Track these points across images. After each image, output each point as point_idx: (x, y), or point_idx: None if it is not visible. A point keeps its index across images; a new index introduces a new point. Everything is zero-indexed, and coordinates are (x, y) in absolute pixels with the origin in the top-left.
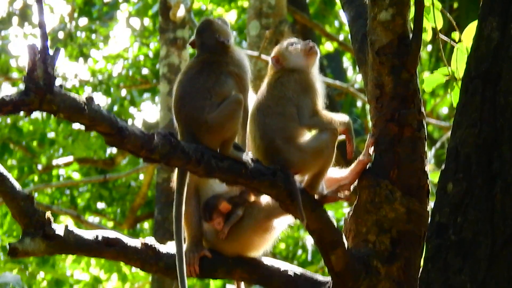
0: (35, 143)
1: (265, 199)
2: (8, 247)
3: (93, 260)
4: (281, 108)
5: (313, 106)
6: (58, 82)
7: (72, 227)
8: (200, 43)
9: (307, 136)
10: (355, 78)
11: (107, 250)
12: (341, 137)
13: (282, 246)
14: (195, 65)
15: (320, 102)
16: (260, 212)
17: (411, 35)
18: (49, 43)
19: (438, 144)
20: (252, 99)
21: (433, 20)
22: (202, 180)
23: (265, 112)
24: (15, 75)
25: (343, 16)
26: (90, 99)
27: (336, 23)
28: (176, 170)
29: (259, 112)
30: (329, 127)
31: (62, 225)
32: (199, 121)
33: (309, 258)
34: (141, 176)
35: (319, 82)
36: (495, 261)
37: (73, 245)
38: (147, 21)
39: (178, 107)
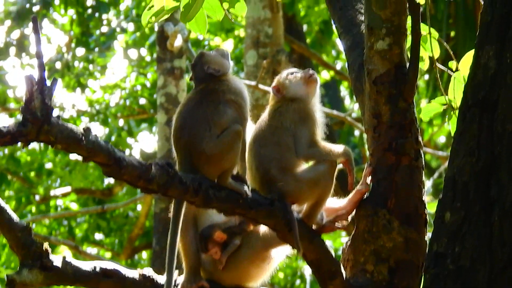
0: (32, 174)
1: (263, 229)
2: (6, 278)
3: None
4: (277, 138)
5: (311, 137)
6: (55, 112)
7: (70, 258)
8: (194, 76)
9: (304, 166)
10: (353, 107)
11: (105, 281)
12: (339, 166)
13: (281, 275)
14: (193, 96)
15: (319, 132)
16: (258, 241)
17: (408, 64)
18: (46, 73)
19: (436, 174)
20: (251, 128)
21: (430, 49)
22: (200, 210)
23: (261, 142)
24: (12, 105)
25: (340, 45)
26: (87, 130)
27: (333, 52)
28: (173, 200)
29: (256, 142)
30: (327, 158)
31: (59, 256)
32: (198, 152)
33: None
34: (139, 207)
35: (319, 112)
36: None
37: (71, 276)
38: (144, 51)
39: (178, 137)
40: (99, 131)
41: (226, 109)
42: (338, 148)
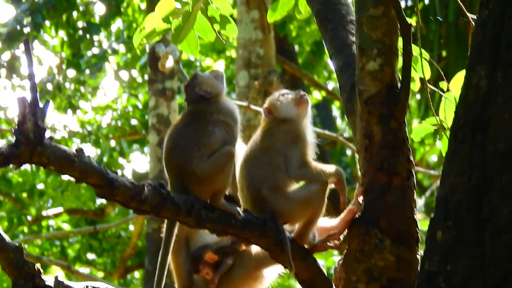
0: (24, 194)
1: (255, 248)
2: None
3: None
4: (267, 158)
5: (302, 157)
6: (47, 134)
7: (62, 278)
8: (186, 98)
9: (295, 186)
10: (345, 127)
11: None
12: (331, 186)
13: None
14: (184, 116)
15: (310, 153)
16: (250, 261)
17: (399, 85)
18: (38, 95)
19: (428, 193)
20: (242, 149)
21: (421, 71)
22: (192, 231)
23: (252, 162)
24: (3, 127)
25: (331, 65)
26: (80, 151)
27: (325, 73)
28: (166, 221)
29: (247, 163)
30: (319, 178)
31: (51, 276)
32: (188, 173)
33: None
34: (131, 227)
35: (310, 132)
36: None
37: None
38: (135, 73)
39: (168, 158)
40: (91, 152)
41: (215, 130)
42: (329, 168)
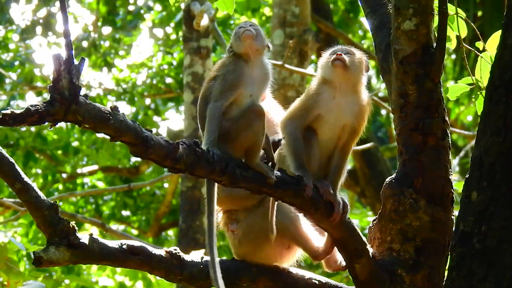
0: (59, 152)
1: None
2: (33, 256)
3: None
4: None
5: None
6: (82, 91)
7: (97, 235)
8: None
9: None
10: (380, 86)
11: (131, 259)
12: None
13: None
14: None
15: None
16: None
17: (435, 44)
18: (73, 52)
19: (462, 153)
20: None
21: (457, 29)
22: None
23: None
24: (39, 84)
25: (366, 24)
26: (115, 109)
27: (360, 32)
28: (205, 180)
29: None
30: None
31: (86, 234)
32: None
33: None
34: (166, 185)
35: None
36: None
37: (98, 254)
38: (170, 30)
39: (197, 116)
40: (126, 110)
41: (210, 85)
42: None
